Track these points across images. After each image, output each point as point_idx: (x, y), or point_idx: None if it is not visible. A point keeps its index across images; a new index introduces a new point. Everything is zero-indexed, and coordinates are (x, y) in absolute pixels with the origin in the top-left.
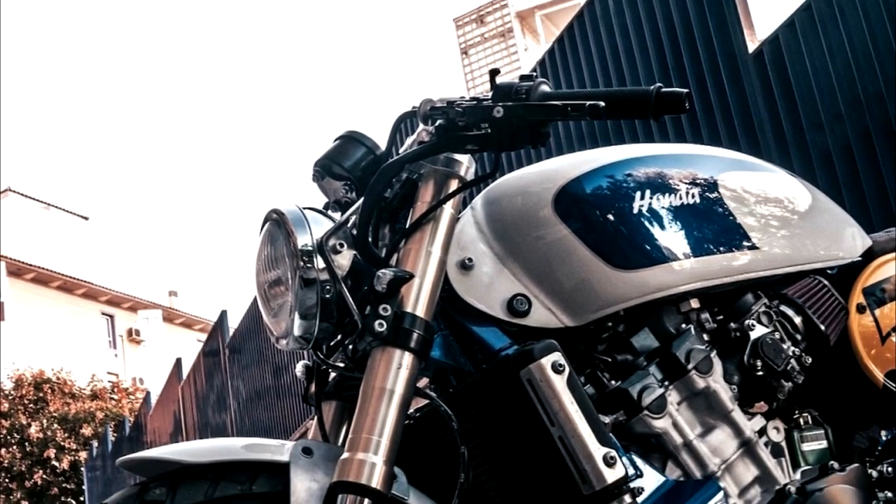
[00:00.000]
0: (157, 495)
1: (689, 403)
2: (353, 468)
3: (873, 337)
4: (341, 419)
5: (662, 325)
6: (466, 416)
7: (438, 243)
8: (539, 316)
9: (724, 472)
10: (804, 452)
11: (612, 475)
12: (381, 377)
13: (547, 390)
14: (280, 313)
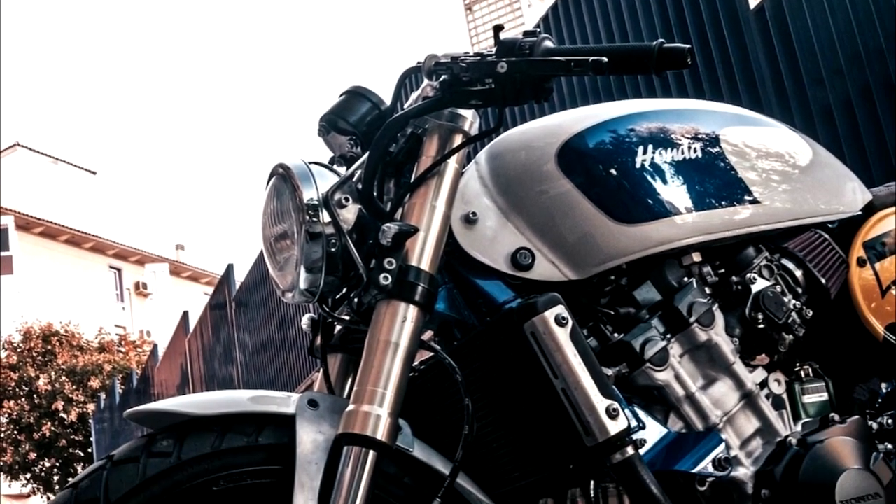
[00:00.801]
0: (164, 447)
1: (691, 356)
2: (359, 420)
3: (873, 290)
4: (346, 372)
5: (665, 279)
6: (471, 368)
7: (443, 197)
8: (542, 269)
9: (725, 424)
10: (805, 405)
11: (615, 427)
12: (386, 330)
13: (550, 343)
14: (286, 267)
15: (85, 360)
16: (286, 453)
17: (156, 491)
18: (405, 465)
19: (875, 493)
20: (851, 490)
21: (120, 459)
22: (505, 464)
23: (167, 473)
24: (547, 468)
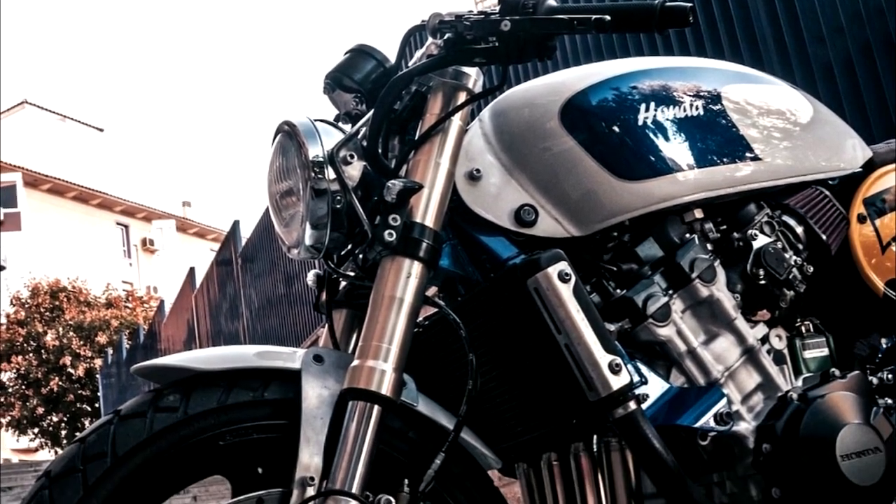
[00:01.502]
0: (170, 402)
1: (693, 311)
2: (363, 375)
3: (874, 246)
4: (351, 327)
5: (667, 235)
6: (474, 324)
7: (447, 154)
8: (546, 226)
9: (727, 379)
10: (806, 360)
11: (618, 382)
12: (391, 286)
13: (553, 299)
14: (292, 223)
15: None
16: (292, 408)
17: (162, 445)
18: (410, 420)
19: (875, 447)
20: (852, 444)
21: (127, 414)
22: (508, 418)
23: (174, 428)
24: (550, 423)
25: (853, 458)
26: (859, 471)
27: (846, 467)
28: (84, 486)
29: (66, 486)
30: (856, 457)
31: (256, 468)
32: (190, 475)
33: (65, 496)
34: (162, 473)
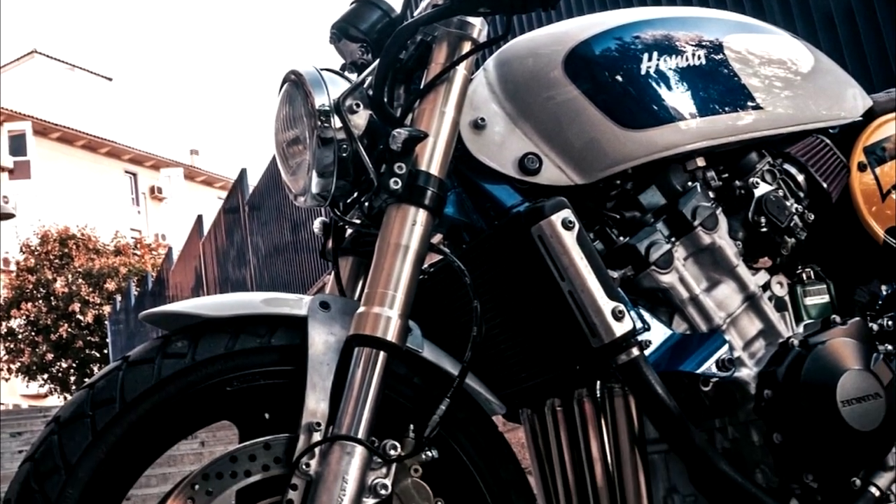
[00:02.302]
0: (178, 348)
1: (695, 259)
2: (369, 322)
3: (874, 194)
4: (357, 274)
5: (669, 183)
6: (479, 270)
7: (452, 103)
8: (549, 174)
9: (729, 326)
10: (807, 306)
11: (621, 328)
12: (396, 233)
13: (557, 246)
14: (298, 171)
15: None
16: (298, 354)
17: (170, 391)
18: (415, 366)
19: (875, 393)
20: (852, 390)
21: (135, 360)
22: (513, 365)
23: (181, 374)
24: (554, 369)
25: (853, 404)
26: (859, 416)
27: (846, 413)
28: (93, 431)
29: (75, 431)
30: (856, 402)
31: (263, 414)
32: (197, 421)
33: (73, 441)
34: (170, 419)
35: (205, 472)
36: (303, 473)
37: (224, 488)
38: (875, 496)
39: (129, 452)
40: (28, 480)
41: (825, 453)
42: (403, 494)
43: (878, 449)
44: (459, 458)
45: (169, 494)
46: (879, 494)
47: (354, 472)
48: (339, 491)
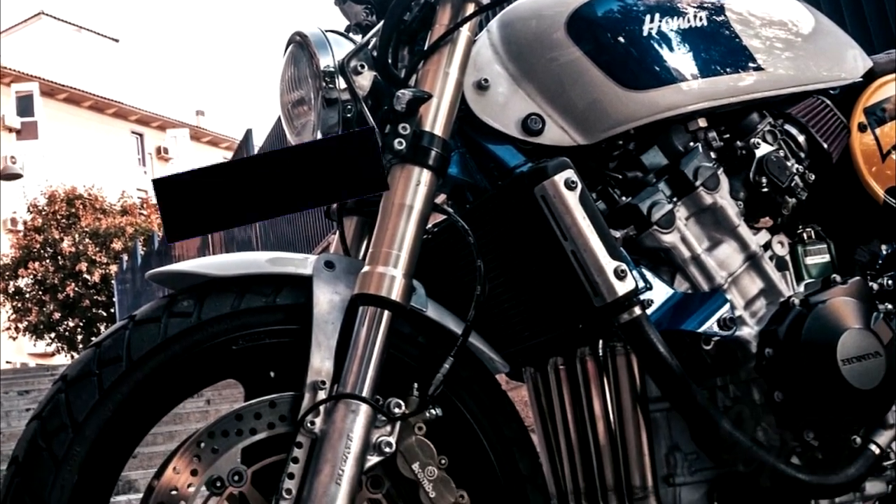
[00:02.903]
0: (184, 307)
1: (697, 219)
2: (374, 281)
3: (874, 155)
4: (362, 234)
5: (671, 144)
6: (483, 230)
7: (455, 65)
8: (552, 134)
9: (730, 285)
10: (807, 266)
11: (623, 287)
12: (401, 193)
13: (560, 206)
14: (303, 132)
15: (108, 223)
16: (303, 313)
17: (176, 350)
18: (419, 325)
19: (876, 351)
20: (853, 349)
21: (142, 319)
22: (516, 323)
23: (188, 333)
24: (556, 328)
25: (854, 363)
26: (860, 375)
27: (847, 371)
28: (99, 389)
29: (82, 389)
30: (856, 361)
31: (269, 372)
32: (203, 379)
33: (80, 399)
34: (176, 377)
35: (210, 430)
36: (308, 431)
37: (229, 446)
38: (875, 454)
39: (136, 410)
40: (35, 438)
41: (825, 411)
42: (407, 452)
43: (878, 407)
44: (463, 417)
45: (175, 452)
46: (879, 452)
47: (359, 430)
48: (344, 449)
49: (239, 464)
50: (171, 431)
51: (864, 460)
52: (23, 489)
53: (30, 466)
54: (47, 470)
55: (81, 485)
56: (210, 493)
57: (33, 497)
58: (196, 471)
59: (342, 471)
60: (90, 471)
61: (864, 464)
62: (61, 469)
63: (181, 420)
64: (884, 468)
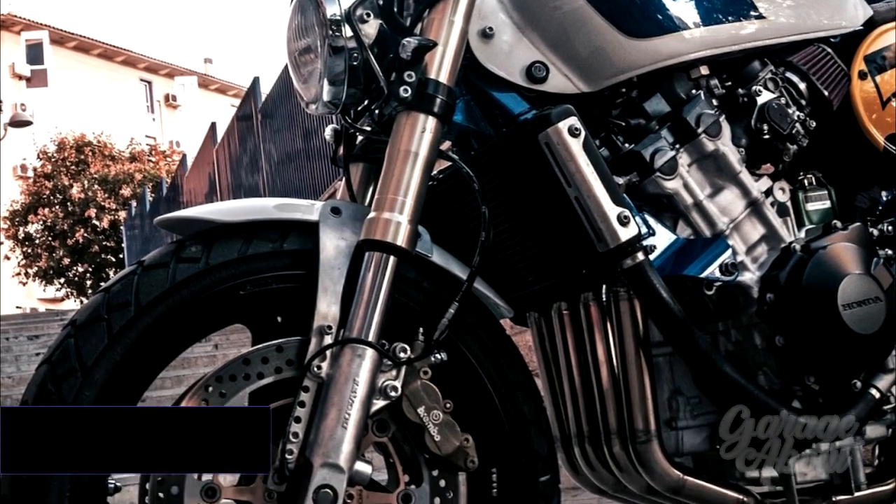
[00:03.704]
0: (192, 252)
1: (699, 165)
2: (380, 227)
3: (874, 102)
4: (368, 180)
5: (674, 91)
6: (487, 177)
7: (460, 13)
8: (556, 82)
9: (732, 231)
10: (808, 212)
11: (626, 233)
12: (406, 140)
13: (564, 153)
14: (310, 80)
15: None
16: (310, 259)
17: (184, 295)
18: (424, 270)
19: (876, 296)
20: (853, 294)
21: (150, 265)
22: (520, 269)
23: (195, 278)
24: (560, 273)
25: (854, 308)
26: (860, 319)
27: (847, 316)
28: (108, 334)
29: (91, 334)
30: (857, 306)
31: (276, 317)
32: (211, 324)
33: (90, 344)
34: (184, 322)
35: (218, 374)
36: (314, 376)
37: (237, 390)
38: (875, 398)
39: (144, 355)
40: (45, 382)
41: (826, 356)
42: (413, 396)
43: (878, 352)
44: (468, 361)
45: (183, 396)
46: (879, 396)
47: (365, 375)
48: (350, 393)
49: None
50: (179, 376)
51: (864, 404)
52: None
53: None
54: None
55: None
56: None
57: None
58: None
59: (348, 414)
60: None
61: (865, 408)
62: None
63: (189, 364)
64: (884, 412)
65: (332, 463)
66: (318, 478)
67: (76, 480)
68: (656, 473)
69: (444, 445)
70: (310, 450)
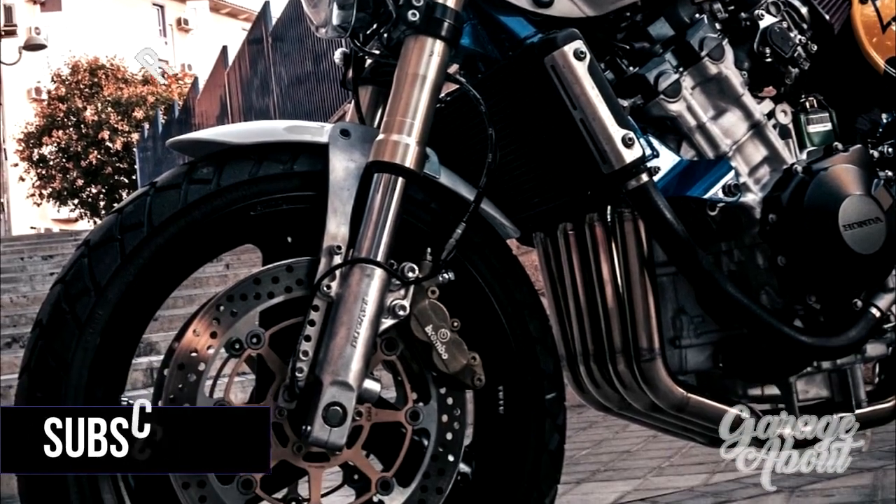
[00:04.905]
0: (204, 174)
1: (703, 88)
2: (388, 148)
3: (875, 26)
4: (377, 103)
5: (677, 15)
6: (494, 100)
7: None
8: (562, 6)
9: (735, 153)
10: (810, 134)
11: (630, 155)
12: (414, 63)
13: (569, 75)
14: (320, 3)
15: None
16: (320, 180)
17: (196, 216)
18: (432, 192)
19: (876, 217)
20: (854, 214)
21: (162, 186)
22: (526, 190)
23: (207, 199)
24: (566, 194)
25: (855, 228)
26: (861, 240)
27: (848, 236)
28: (121, 254)
29: (105, 254)
30: (857, 226)
31: (286, 237)
32: (222, 244)
33: (103, 264)
34: (195, 242)
35: (229, 293)
36: (324, 295)
37: (248, 309)
38: (875, 317)
39: (157, 274)
40: (59, 302)
41: (828, 275)
42: (421, 315)
43: (878, 271)
44: (475, 280)
45: (195, 315)
46: (880, 315)
47: (374, 294)
48: (359, 312)
49: (257, 326)
50: (190, 295)
51: (864, 323)
52: (46, 351)
53: (53, 329)
54: (70, 332)
55: (104, 347)
56: (229, 355)
57: (56, 358)
58: (215, 333)
59: (357, 333)
60: (112, 333)
61: (865, 327)
62: (84, 331)
63: (201, 284)
64: (884, 331)
65: (341, 381)
66: (327, 395)
67: (89, 397)
68: (660, 391)
69: (452, 363)
70: (319, 368)
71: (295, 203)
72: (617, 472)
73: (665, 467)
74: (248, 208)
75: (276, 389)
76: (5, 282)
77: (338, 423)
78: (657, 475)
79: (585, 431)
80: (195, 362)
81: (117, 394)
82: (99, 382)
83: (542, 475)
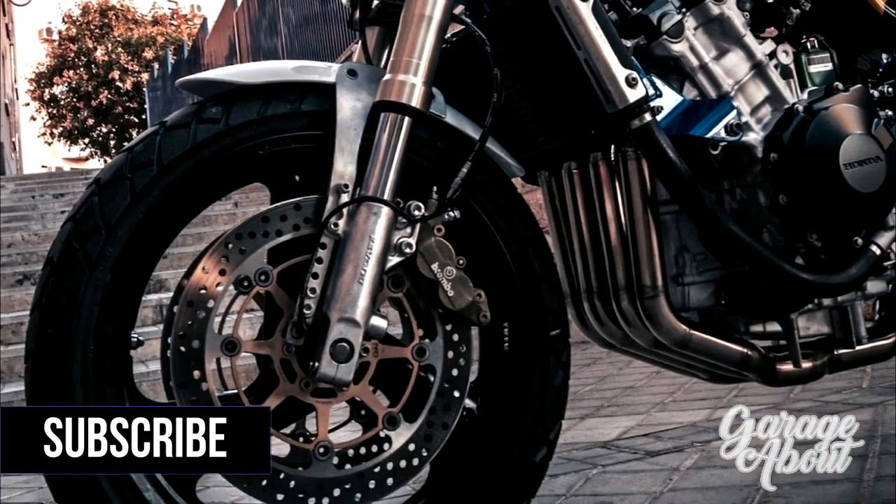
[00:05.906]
0: (213, 113)
1: (705, 28)
2: (395, 88)
3: None
4: (383, 43)
5: None
6: (499, 40)
7: None
8: None
9: (737, 93)
10: (811, 74)
11: (634, 94)
12: (421, 4)
13: (573, 16)
14: None
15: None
16: (327, 119)
17: (205, 154)
18: (438, 131)
19: (876, 156)
20: (854, 153)
21: (172, 125)
22: (531, 129)
23: (216, 138)
24: (570, 133)
25: (855, 167)
26: (861, 178)
27: (849, 175)
28: (132, 192)
29: (115, 192)
30: (858, 165)
31: (294, 176)
32: (231, 183)
33: (113, 202)
34: (205, 181)
35: (238, 231)
36: (331, 233)
37: (256, 247)
38: (876, 254)
39: (166, 212)
40: (70, 239)
41: (829, 214)
42: (427, 252)
43: (878, 210)
44: (480, 219)
45: (204, 253)
46: (880, 253)
47: (380, 231)
48: (366, 249)
49: (265, 264)
50: (199, 233)
51: (865, 261)
52: (58, 288)
53: (64, 266)
54: (81, 270)
55: (114, 284)
56: (237, 292)
57: (67, 296)
58: (224, 270)
59: (364, 270)
60: (122, 271)
61: (866, 264)
62: (94, 269)
63: (210, 222)
64: (884, 268)
65: (348, 317)
66: (334, 332)
67: (100, 333)
68: (663, 328)
69: (458, 300)
70: (327, 305)
71: (303, 142)
72: (620, 407)
73: (668, 403)
74: (256, 147)
75: (284, 326)
76: (17, 220)
77: (345, 360)
78: (660, 410)
79: (589, 367)
80: (204, 299)
81: (127, 330)
82: (109, 319)
83: (546, 411)
